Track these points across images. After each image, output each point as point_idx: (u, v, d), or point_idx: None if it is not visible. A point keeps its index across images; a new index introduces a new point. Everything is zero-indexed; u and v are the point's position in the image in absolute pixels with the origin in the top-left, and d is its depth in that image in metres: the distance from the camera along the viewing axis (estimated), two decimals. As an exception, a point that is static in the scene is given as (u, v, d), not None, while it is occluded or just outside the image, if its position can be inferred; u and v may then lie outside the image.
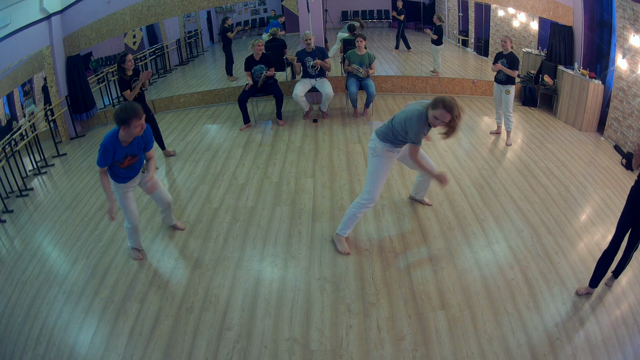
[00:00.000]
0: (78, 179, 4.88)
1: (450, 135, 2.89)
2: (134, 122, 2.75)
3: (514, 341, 2.50)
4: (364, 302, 2.82)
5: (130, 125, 2.75)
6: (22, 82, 5.69)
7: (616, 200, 3.92)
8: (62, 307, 2.94)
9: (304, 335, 2.61)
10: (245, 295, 2.93)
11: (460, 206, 3.83)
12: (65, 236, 3.78)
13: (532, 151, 4.94)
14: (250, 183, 4.38)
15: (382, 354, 2.46)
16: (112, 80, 7.20)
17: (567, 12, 6.10)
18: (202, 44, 8.84)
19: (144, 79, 4.57)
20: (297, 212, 3.83)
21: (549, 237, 3.41)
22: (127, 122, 2.74)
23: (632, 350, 2.47)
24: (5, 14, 5.27)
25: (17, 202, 4.57)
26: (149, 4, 6.27)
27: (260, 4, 9.39)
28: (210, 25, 8.88)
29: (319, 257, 3.25)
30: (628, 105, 4.91)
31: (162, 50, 7.94)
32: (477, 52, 8.10)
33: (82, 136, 6.37)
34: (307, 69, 5.76)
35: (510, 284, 2.92)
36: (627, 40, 4.86)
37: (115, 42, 6.75)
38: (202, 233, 3.62)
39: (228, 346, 2.56)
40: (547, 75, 6.31)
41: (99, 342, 2.64)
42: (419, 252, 3.26)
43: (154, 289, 3.04)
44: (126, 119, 2.73)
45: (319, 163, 4.71)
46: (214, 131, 5.95)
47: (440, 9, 8.75)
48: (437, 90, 7.02)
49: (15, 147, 5.05)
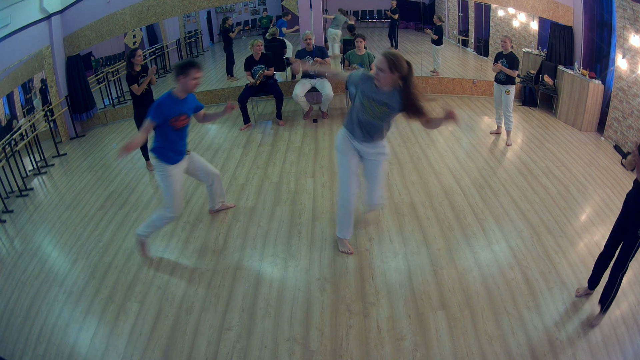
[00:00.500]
0: (78, 179, 4.88)
1: (415, 111, 2.55)
2: (192, 73, 2.84)
3: (514, 341, 2.50)
4: (364, 302, 2.82)
5: (189, 75, 2.84)
6: (22, 82, 5.69)
7: (616, 200, 3.91)
8: (62, 307, 2.94)
9: (304, 335, 2.61)
10: (245, 295, 2.93)
11: (460, 206, 3.83)
12: (65, 236, 3.78)
13: (532, 151, 4.94)
14: (250, 183, 4.38)
15: (382, 354, 2.46)
16: (112, 80, 7.21)
17: (567, 12, 6.10)
18: (202, 44, 8.84)
19: (151, 75, 4.61)
20: (297, 212, 3.83)
21: (549, 237, 3.41)
22: (186, 72, 2.83)
23: (632, 350, 2.47)
24: (5, 14, 5.27)
25: (17, 202, 4.57)
26: (149, 4, 6.27)
27: (260, 4, 9.39)
28: (210, 25, 8.88)
29: (319, 257, 3.25)
30: (628, 105, 4.91)
31: (162, 50, 7.94)
32: (477, 52, 8.10)
33: (82, 136, 6.37)
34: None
35: (510, 284, 2.92)
36: (627, 40, 4.86)
37: (116, 42, 6.75)
38: (202, 233, 3.62)
39: (228, 346, 2.56)
40: (547, 75, 6.31)
41: (99, 342, 2.64)
42: (419, 252, 3.26)
43: (154, 289, 3.04)
44: (185, 68, 2.82)
45: (319, 163, 4.71)
46: (214, 131, 5.94)
47: (440, 9, 8.75)
48: (437, 90, 7.02)
49: (15, 147, 5.05)
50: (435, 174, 4.39)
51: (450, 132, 5.49)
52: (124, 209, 4.08)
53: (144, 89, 4.61)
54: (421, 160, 4.70)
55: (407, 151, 4.90)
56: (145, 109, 4.71)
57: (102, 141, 6.06)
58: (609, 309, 2.59)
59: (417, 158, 4.75)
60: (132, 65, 4.51)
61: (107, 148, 5.76)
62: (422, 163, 4.63)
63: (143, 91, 4.61)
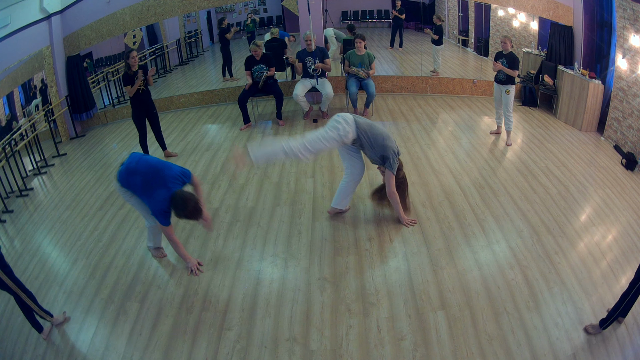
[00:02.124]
0: (78, 179, 4.88)
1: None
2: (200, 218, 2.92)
3: (514, 341, 2.50)
4: (364, 302, 2.82)
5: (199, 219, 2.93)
6: (22, 82, 5.69)
7: (616, 200, 3.91)
8: (62, 307, 2.94)
9: (304, 335, 2.61)
10: (245, 295, 2.93)
11: (460, 206, 3.83)
12: (65, 236, 3.78)
13: (532, 151, 4.94)
14: (250, 183, 4.38)
15: (382, 354, 2.46)
16: (112, 80, 7.21)
17: (567, 12, 6.10)
18: (202, 44, 8.84)
19: (147, 76, 4.63)
20: (297, 212, 3.83)
21: (549, 237, 3.41)
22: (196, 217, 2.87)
23: (632, 350, 2.47)
24: (5, 14, 5.27)
25: (17, 202, 4.57)
26: (149, 4, 6.27)
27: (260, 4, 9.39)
28: (210, 25, 8.88)
29: (319, 257, 3.25)
30: (628, 105, 4.91)
31: (162, 50, 7.93)
32: (477, 52, 8.10)
33: (82, 136, 6.37)
34: (307, 69, 5.77)
35: (510, 284, 2.92)
36: (627, 40, 4.86)
37: (116, 42, 6.75)
38: (202, 233, 3.62)
39: (228, 346, 2.56)
40: (547, 75, 6.31)
41: (99, 342, 2.64)
42: (419, 252, 3.26)
43: (154, 289, 3.04)
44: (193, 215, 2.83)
45: (319, 163, 4.71)
46: (214, 131, 5.95)
47: (440, 9, 8.75)
48: (437, 90, 7.02)
49: (15, 147, 5.05)
50: (435, 174, 4.39)
51: (450, 132, 5.49)
52: (124, 209, 4.08)
53: (141, 89, 4.64)
54: (421, 160, 4.70)
55: (407, 151, 4.90)
56: (142, 109, 4.76)
57: (102, 141, 6.06)
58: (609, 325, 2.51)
59: (417, 158, 4.75)
60: (129, 66, 4.55)
61: (107, 148, 5.76)
62: (422, 163, 4.63)
63: (140, 92, 4.64)
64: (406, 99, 6.80)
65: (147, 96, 4.79)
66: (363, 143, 3.28)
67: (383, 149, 3.27)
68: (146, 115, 4.84)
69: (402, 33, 8.46)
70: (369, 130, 3.28)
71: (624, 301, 2.42)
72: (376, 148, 3.29)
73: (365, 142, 3.27)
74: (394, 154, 3.30)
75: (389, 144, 3.29)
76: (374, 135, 3.28)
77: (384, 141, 3.28)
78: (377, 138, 3.28)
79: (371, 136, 3.28)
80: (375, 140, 3.27)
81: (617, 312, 2.46)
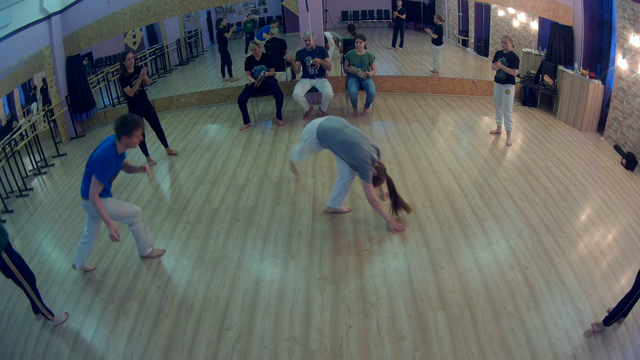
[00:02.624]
0: (78, 179, 4.88)
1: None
2: (136, 132, 2.81)
3: (514, 341, 2.50)
4: (364, 302, 2.82)
5: (132, 135, 2.81)
6: (22, 82, 5.69)
7: (616, 200, 3.91)
8: (62, 307, 2.94)
9: (304, 335, 2.61)
10: (245, 295, 2.93)
11: (460, 206, 3.83)
12: (65, 236, 3.78)
13: (532, 151, 4.94)
14: (250, 183, 4.38)
15: (382, 354, 2.46)
16: (112, 80, 7.21)
17: (567, 12, 6.10)
18: (202, 44, 8.85)
19: (143, 75, 4.65)
20: (297, 212, 3.83)
21: (549, 237, 3.41)
22: (130, 132, 2.79)
23: (632, 350, 2.47)
24: (5, 14, 5.27)
25: (17, 202, 4.57)
26: (149, 4, 6.27)
27: (260, 4, 9.40)
28: (210, 25, 8.88)
29: (319, 257, 3.25)
30: (628, 105, 4.91)
31: (162, 50, 7.94)
32: (477, 52, 8.10)
33: (82, 136, 6.37)
34: (307, 69, 5.76)
35: (510, 284, 2.92)
36: (627, 40, 4.86)
37: (115, 42, 6.75)
38: (202, 233, 3.62)
39: (228, 346, 2.56)
40: (547, 75, 6.30)
41: (99, 342, 2.64)
42: (419, 252, 3.26)
43: (154, 289, 3.04)
44: (129, 129, 2.78)
45: (319, 163, 4.71)
46: (214, 131, 5.95)
47: (440, 8, 8.75)
48: (437, 90, 7.02)
49: (15, 147, 5.05)
50: (435, 174, 4.39)
51: (450, 132, 5.49)
52: (124, 209, 4.07)
53: (137, 90, 4.68)
54: (421, 160, 4.70)
55: (407, 151, 4.90)
56: (139, 108, 4.77)
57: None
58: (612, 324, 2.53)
59: (417, 158, 4.74)
60: (125, 68, 4.58)
61: (107, 148, 5.75)
62: (422, 163, 4.63)
63: (136, 92, 4.70)
64: (406, 99, 6.80)
65: (144, 96, 4.83)
66: (332, 151, 3.35)
67: (350, 159, 3.22)
68: (144, 115, 4.84)
69: (403, 33, 8.48)
70: (329, 141, 3.28)
71: (629, 301, 2.42)
72: (342, 157, 3.29)
73: (332, 150, 3.33)
74: (366, 162, 3.16)
75: (357, 153, 3.16)
76: (335, 144, 3.26)
77: (350, 150, 3.18)
78: (340, 147, 3.24)
79: (332, 146, 3.29)
80: (340, 149, 3.26)
81: (621, 312, 2.47)
